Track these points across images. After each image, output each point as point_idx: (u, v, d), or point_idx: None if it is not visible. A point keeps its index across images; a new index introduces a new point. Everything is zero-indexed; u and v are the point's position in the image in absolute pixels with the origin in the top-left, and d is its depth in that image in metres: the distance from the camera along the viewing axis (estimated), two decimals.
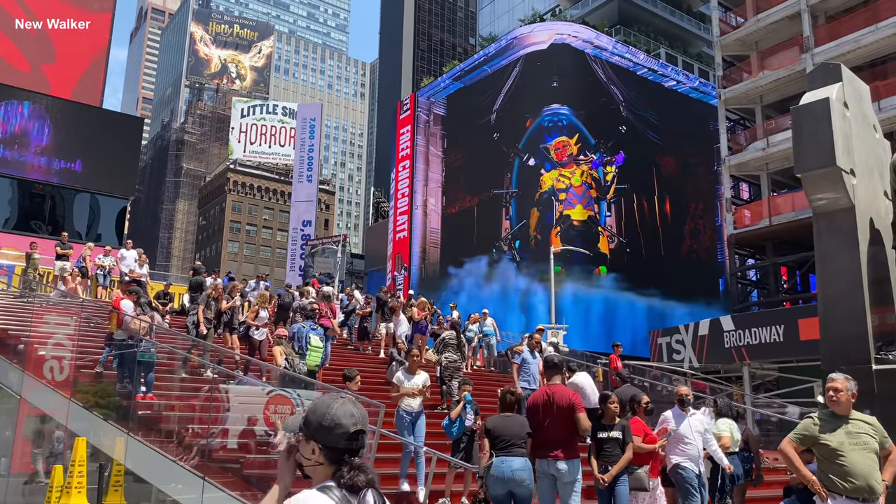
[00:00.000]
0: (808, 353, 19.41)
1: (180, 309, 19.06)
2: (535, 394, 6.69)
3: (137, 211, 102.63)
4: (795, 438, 4.88)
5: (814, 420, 4.88)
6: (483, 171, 42.56)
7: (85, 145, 32.40)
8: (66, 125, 32.42)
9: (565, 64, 40.58)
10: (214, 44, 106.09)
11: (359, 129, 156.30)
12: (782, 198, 30.19)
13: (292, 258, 57.37)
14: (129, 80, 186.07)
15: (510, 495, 6.17)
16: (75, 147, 32.31)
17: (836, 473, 4.64)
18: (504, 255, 40.73)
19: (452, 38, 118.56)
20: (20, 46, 34.89)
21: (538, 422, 6.37)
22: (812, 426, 4.83)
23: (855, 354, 6.48)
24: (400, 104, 51.34)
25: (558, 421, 6.31)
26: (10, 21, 34.70)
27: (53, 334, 12.65)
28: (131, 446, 9.56)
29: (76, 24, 35.88)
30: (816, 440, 4.78)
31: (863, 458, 4.64)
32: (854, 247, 6.68)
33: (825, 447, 4.73)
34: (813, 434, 4.80)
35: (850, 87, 7.29)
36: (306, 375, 10.17)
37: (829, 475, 4.67)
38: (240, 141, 78.24)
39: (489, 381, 15.60)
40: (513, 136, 41.25)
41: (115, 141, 33.69)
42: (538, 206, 39.57)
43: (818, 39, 28.14)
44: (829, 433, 4.74)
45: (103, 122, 34.55)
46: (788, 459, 4.86)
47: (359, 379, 9.09)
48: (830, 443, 4.71)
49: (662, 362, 24.91)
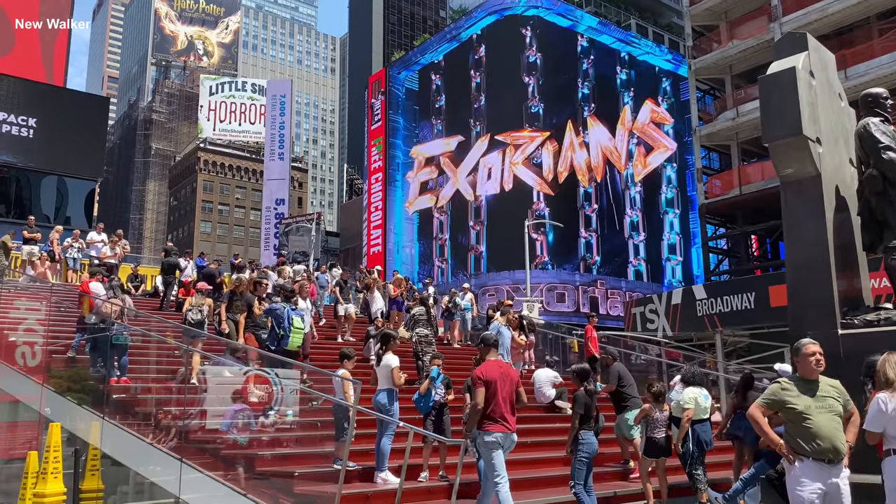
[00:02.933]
0: (778, 319, 19.75)
1: (153, 291, 18.86)
2: (489, 368, 6.78)
3: (107, 193, 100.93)
4: (764, 403, 5.00)
5: (782, 385, 4.98)
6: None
7: (50, 127, 31.66)
8: (29, 106, 31.62)
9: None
10: (180, 20, 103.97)
11: (330, 105, 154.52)
12: (752, 167, 30.54)
13: (266, 237, 56.95)
14: (94, 59, 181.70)
15: None
16: (40, 129, 31.56)
17: (803, 436, 4.75)
18: None
19: (423, 11, 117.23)
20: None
21: (494, 394, 6.60)
22: (780, 391, 4.93)
23: (821, 320, 6.63)
24: (371, 79, 50.83)
25: (510, 395, 6.73)
26: None
27: (24, 319, 12.46)
28: (107, 430, 9.50)
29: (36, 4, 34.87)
30: (784, 404, 4.88)
31: (828, 421, 4.76)
32: (820, 214, 6.80)
33: (792, 411, 4.83)
34: (781, 398, 4.90)
35: (816, 55, 7.36)
36: (286, 356, 10.10)
37: (797, 438, 4.78)
38: (209, 119, 77.03)
39: (464, 356, 15.69)
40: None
41: (80, 122, 32.96)
42: None
43: (786, 8, 28.31)
44: (796, 397, 4.85)
45: (68, 103, 33.77)
46: (757, 423, 4.99)
47: (355, 358, 9.04)
48: (797, 406, 4.81)
49: (637, 332, 25.23)
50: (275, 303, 11.18)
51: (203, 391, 9.53)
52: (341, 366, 8.63)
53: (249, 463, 8.05)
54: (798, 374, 5.09)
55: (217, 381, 9.79)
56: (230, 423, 8.78)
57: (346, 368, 8.53)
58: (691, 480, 8.42)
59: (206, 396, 9.48)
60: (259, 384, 9.21)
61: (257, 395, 9.09)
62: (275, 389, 9.19)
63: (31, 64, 34.47)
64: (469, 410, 7.10)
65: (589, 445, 7.56)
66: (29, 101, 31.75)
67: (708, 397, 8.94)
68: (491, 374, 6.70)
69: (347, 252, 64.09)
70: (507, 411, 6.66)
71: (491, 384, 6.63)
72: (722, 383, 18.16)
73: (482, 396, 6.58)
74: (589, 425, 7.70)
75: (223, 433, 8.87)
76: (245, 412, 8.88)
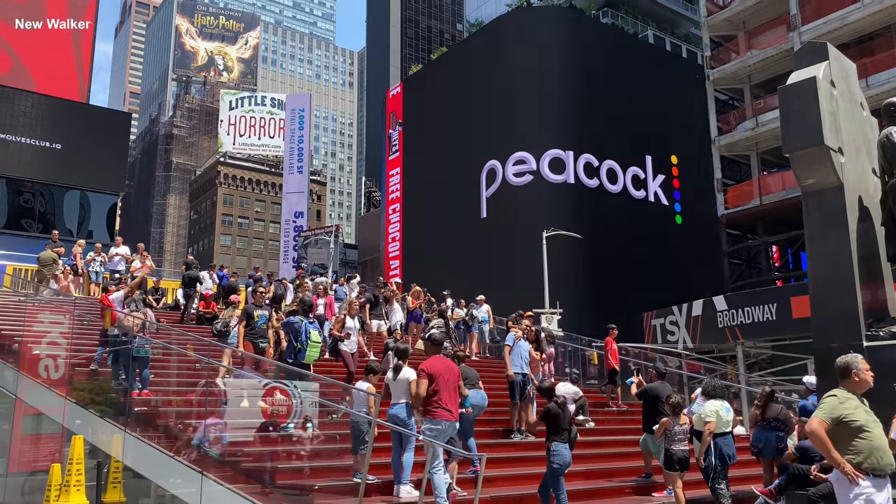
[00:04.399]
0: (800, 330, 19.52)
1: (173, 304, 19.02)
2: (434, 363, 7.71)
3: (128, 207, 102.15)
4: (826, 418, 4.69)
5: (839, 398, 4.77)
6: None
7: (73, 142, 32.16)
8: (53, 122, 32.16)
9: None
10: (200, 36, 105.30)
11: (348, 118, 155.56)
12: (772, 177, 30.29)
13: (285, 250, 57.27)
14: (116, 75, 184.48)
15: None
16: (64, 144, 32.07)
17: (864, 451, 4.54)
18: None
19: (440, 24, 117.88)
20: (4, 45, 34.52)
21: (438, 386, 7.48)
22: (839, 405, 4.71)
23: (846, 332, 6.54)
24: (389, 98, 51.08)
25: (453, 387, 7.71)
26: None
27: (48, 333, 12.60)
28: (128, 443, 9.56)
29: (61, 23, 35.50)
30: (842, 418, 4.65)
31: (882, 434, 4.63)
32: (843, 225, 6.72)
33: (850, 425, 4.62)
34: (840, 413, 4.67)
35: (837, 65, 7.30)
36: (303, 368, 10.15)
37: (858, 454, 4.55)
38: (229, 133, 77.84)
39: (482, 369, 15.63)
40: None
41: (103, 137, 33.47)
42: None
43: (805, 17, 28.13)
44: (854, 411, 4.67)
45: (91, 119, 34.30)
46: (821, 441, 4.62)
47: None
48: (858, 420, 4.62)
49: (657, 344, 25.02)
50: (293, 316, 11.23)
51: (224, 403, 9.58)
52: (364, 379, 8.65)
53: (270, 476, 8.06)
54: (846, 388, 4.89)
55: (238, 393, 9.84)
56: (202, 437, 8.92)
57: (370, 382, 8.55)
58: (714, 495, 8.30)
59: (226, 409, 9.52)
60: (279, 397, 9.25)
61: (277, 408, 9.12)
62: (294, 402, 9.22)
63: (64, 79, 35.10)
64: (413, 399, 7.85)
65: (561, 457, 7.69)
66: (53, 118, 32.30)
67: (730, 410, 8.82)
68: (435, 369, 7.62)
69: (366, 264, 64.30)
70: (450, 402, 7.56)
71: (435, 377, 7.52)
72: (744, 396, 17.95)
73: (424, 387, 7.50)
74: (562, 437, 7.82)
75: (244, 445, 8.90)
76: (217, 426, 9.07)
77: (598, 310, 29.77)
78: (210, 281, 17.65)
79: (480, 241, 37.45)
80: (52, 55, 35.31)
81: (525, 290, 29.58)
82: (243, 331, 11.29)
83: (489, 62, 39.77)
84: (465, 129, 40.19)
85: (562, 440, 7.77)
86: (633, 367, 15.85)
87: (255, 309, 11.53)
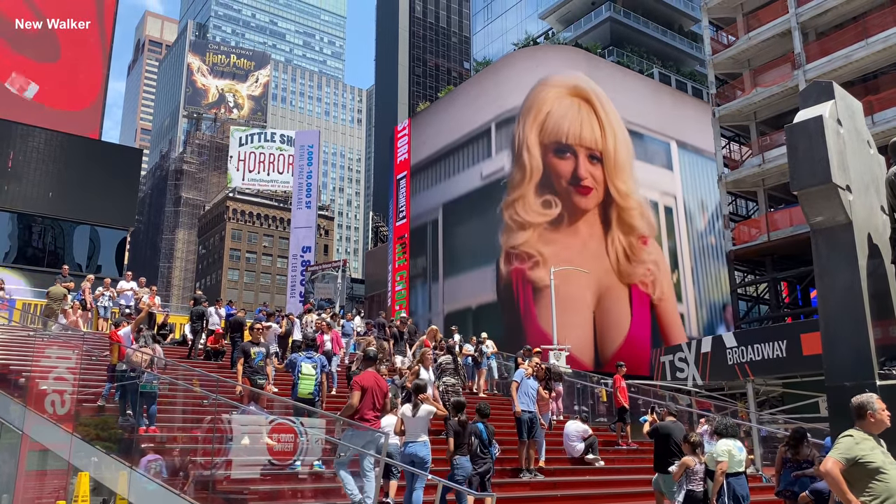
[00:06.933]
0: (811, 367, 19.33)
1: (181, 339, 19.01)
2: (365, 377, 8.27)
3: (137, 241, 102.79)
4: (841, 459, 4.54)
5: (855, 438, 4.64)
6: None
7: (84, 178, 32.54)
8: (65, 158, 32.58)
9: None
10: (212, 74, 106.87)
11: (356, 154, 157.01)
12: (780, 213, 30.29)
13: (292, 284, 57.32)
14: (128, 112, 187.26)
15: None
16: (74, 180, 32.43)
17: (879, 493, 4.42)
18: None
19: (447, 62, 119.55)
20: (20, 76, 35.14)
21: (365, 399, 8.09)
22: (855, 445, 4.58)
23: (858, 371, 6.47)
24: (396, 129, 51.61)
25: (380, 401, 8.30)
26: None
27: (55, 368, 12.58)
28: (134, 480, 9.49)
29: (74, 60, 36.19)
30: (858, 459, 4.52)
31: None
32: (853, 262, 6.70)
33: (867, 466, 4.49)
34: (856, 454, 4.54)
35: (843, 103, 7.36)
36: (302, 403, 10.11)
37: (872, 497, 4.43)
38: (238, 169, 78.50)
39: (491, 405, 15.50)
40: None
41: (114, 172, 33.87)
42: None
43: (810, 56, 28.40)
44: (871, 451, 4.55)
45: (102, 155, 34.74)
46: (836, 482, 4.48)
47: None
48: (875, 461, 4.50)
49: (666, 381, 24.79)
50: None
51: (229, 440, 9.52)
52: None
53: None
54: (862, 429, 4.76)
55: (242, 430, 9.77)
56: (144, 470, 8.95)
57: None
58: None
59: (231, 446, 9.45)
60: (283, 433, 9.20)
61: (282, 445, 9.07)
62: (301, 440, 9.16)
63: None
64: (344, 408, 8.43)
65: (463, 469, 8.48)
66: (65, 153, 32.74)
67: (742, 449, 8.70)
68: (366, 382, 8.22)
69: (372, 299, 64.20)
70: (371, 413, 8.15)
71: (365, 390, 8.13)
72: (755, 434, 17.72)
73: (357, 398, 8.08)
74: (462, 451, 8.56)
75: (249, 482, 8.82)
76: (157, 462, 9.32)
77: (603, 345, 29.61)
78: (216, 316, 17.64)
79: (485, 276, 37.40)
80: (67, 93, 35.91)
81: (531, 325, 29.46)
82: (241, 368, 11.29)
83: (496, 98, 40.20)
84: (471, 164, 40.47)
85: (463, 453, 8.59)
86: (641, 405, 15.68)
87: (251, 346, 11.50)
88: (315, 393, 10.89)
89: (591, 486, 11.18)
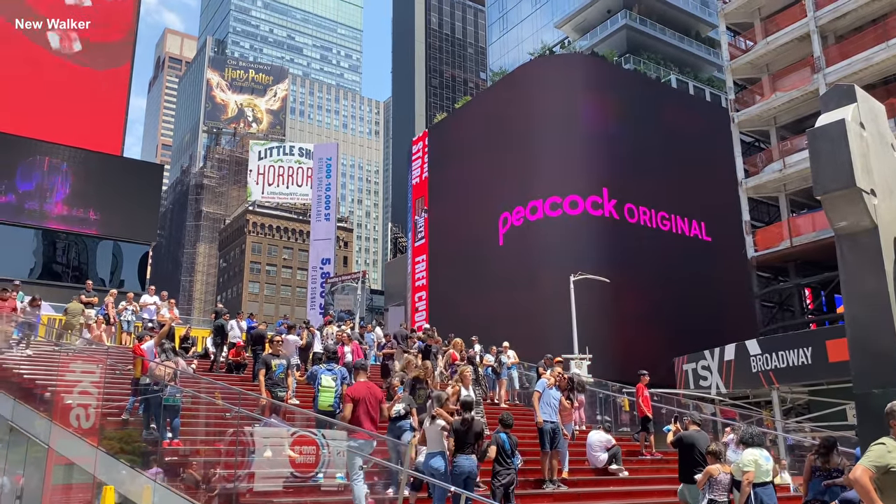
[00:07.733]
0: (838, 374, 19.03)
1: (203, 352, 19.13)
2: (357, 388, 8.52)
3: (159, 256, 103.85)
4: (871, 466, 4.46)
5: (887, 447, 4.55)
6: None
7: (106, 194, 32.97)
8: (87, 175, 33.03)
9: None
10: (230, 89, 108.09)
11: (374, 166, 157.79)
12: (802, 218, 29.94)
13: (312, 296, 57.55)
14: (149, 128, 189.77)
15: None
16: (97, 196, 32.87)
17: None
18: None
19: (464, 73, 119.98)
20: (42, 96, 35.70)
21: (359, 410, 8.32)
22: (886, 453, 4.50)
23: (887, 377, 6.36)
24: (415, 141, 51.78)
25: (374, 410, 8.53)
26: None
27: (79, 382, 12.70)
28: (158, 493, 9.54)
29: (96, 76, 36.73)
30: (890, 468, 4.44)
31: None
32: (879, 267, 6.59)
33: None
34: (886, 462, 4.45)
35: (865, 106, 7.27)
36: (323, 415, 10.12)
37: None
38: (258, 183, 79.07)
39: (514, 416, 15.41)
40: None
41: (135, 188, 34.28)
42: None
43: (829, 59, 28.12)
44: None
45: (124, 171, 35.19)
46: (865, 491, 4.40)
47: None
48: None
49: (689, 389, 24.54)
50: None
51: (251, 453, 9.54)
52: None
53: None
54: (894, 436, 4.67)
55: (265, 442, 9.79)
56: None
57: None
58: None
59: (254, 458, 9.47)
60: (305, 445, 9.21)
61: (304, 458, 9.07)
62: (323, 452, 9.16)
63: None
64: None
65: (460, 468, 8.38)
66: (88, 170, 33.19)
67: (769, 458, 8.56)
68: (358, 393, 8.44)
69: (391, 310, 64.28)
70: (369, 423, 8.37)
71: (358, 401, 8.33)
72: (781, 443, 17.47)
73: (349, 410, 8.36)
74: (464, 451, 8.43)
75: (272, 495, 8.83)
76: (159, 475, 9.57)
77: (626, 354, 29.36)
78: (237, 329, 17.73)
79: (505, 285, 37.32)
80: (89, 110, 36.39)
81: (553, 334, 29.30)
82: (263, 380, 11.40)
83: (513, 108, 40.24)
84: (489, 174, 40.49)
85: (465, 453, 8.52)
86: (667, 412, 15.51)
87: (272, 358, 11.65)
88: (336, 405, 10.88)
89: (615, 497, 11.06)
